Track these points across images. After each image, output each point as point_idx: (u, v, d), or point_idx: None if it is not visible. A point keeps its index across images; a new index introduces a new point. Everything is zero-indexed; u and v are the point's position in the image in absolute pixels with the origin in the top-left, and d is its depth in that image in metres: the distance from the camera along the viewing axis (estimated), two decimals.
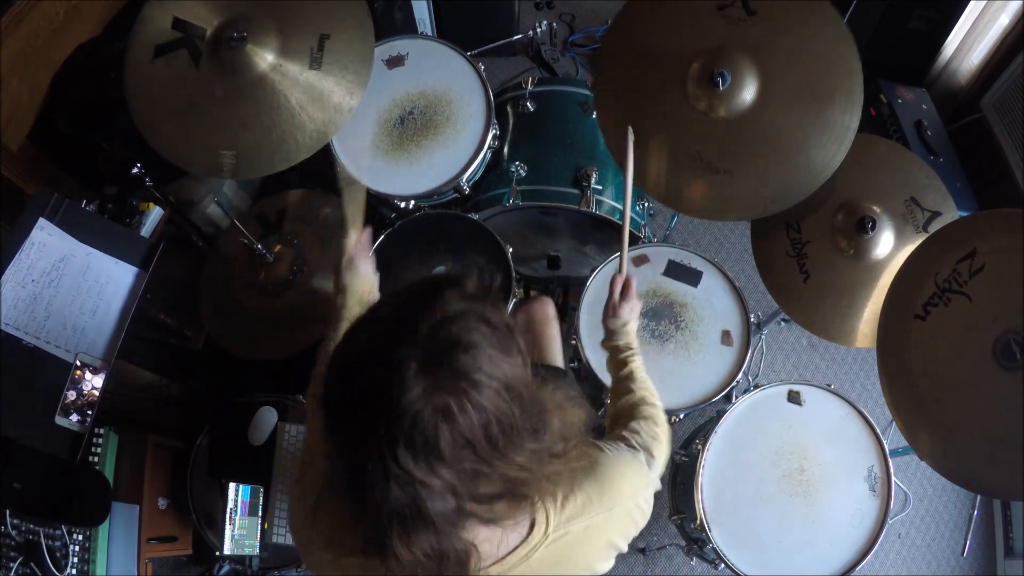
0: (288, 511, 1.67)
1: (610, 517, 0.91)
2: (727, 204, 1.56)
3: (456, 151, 1.93)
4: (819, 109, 1.50)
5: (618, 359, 1.26)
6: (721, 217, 1.63)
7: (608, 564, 0.95)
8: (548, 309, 1.67)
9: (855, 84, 1.48)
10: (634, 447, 1.05)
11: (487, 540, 0.81)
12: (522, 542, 0.84)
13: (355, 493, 0.72)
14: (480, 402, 0.68)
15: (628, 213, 1.36)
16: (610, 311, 1.28)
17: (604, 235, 2.13)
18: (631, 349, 1.26)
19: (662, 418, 1.16)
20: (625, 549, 0.96)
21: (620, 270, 1.34)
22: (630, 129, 1.38)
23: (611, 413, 1.21)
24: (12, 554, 1.40)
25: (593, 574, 0.93)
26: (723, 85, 1.49)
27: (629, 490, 0.95)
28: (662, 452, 1.10)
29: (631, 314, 1.28)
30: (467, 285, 0.77)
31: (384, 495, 0.69)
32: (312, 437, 1.11)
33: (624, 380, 1.22)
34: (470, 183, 1.97)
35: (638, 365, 1.25)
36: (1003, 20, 2.34)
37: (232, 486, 1.71)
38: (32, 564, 1.42)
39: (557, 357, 1.60)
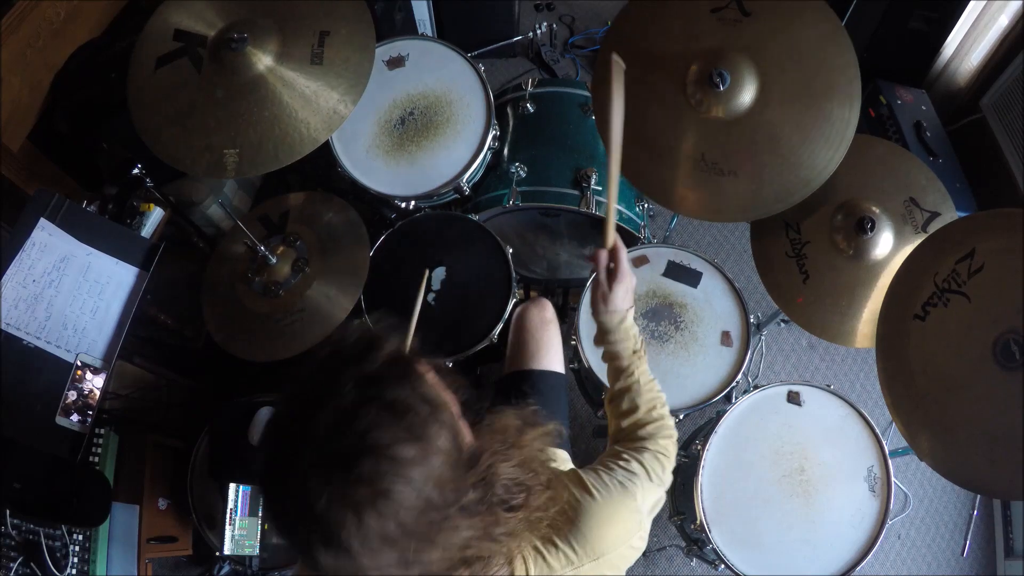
0: None
1: (599, 564, 0.87)
2: (734, 205, 1.55)
3: (456, 152, 1.93)
4: (819, 104, 1.50)
5: (618, 367, 1.12)
6: (729, 218, 1.62)
7: None
8: (545, 312, 1.63)
9: (852, 77, 1.49)
10: (632, 474, 0.97)
11: None
12: None
13: None
14: (389, 505, 0.66)
15: (617, 157, 1.09)
16: (600, 299, 1.10)
17: None
18: (635, 355, 1.11)
19: (669, 428, 1.08)
20: None
21: (604, 241, 1.10)
22: (616, 57, 1.11)
23: (613, 431, 1.12)
24: (12, 554, 1.40)
25: None
26: (723, 86, 1.50)
27: (617, 538, 0.90)
28: (668, 467, 1.04)
29: (626, 298, 1.10)
30: (367, 361, 0.72)
31: None
32: None
33: (626, 391, 1.10)
34: (470, 184, 1.97)
35: (643, 371, 1.11)
36: (1003, 21, 2.34)
37: (232, 486, 1.71)
38: (32, 564, 1.42)
39: (555, 361, 1.57)
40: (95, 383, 1.49)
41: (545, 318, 1.60)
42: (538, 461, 0.83)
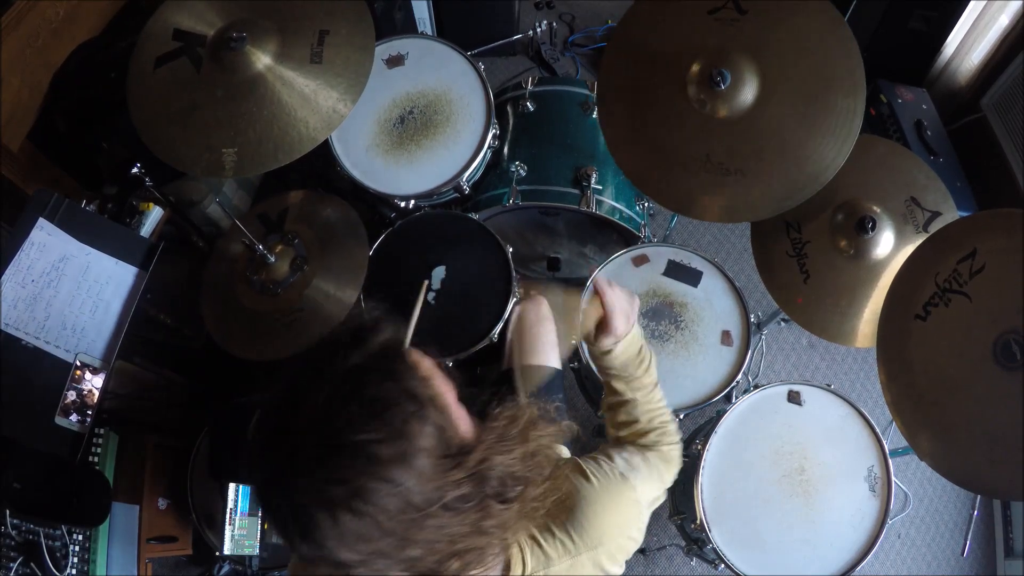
0: None
1: (597, 554, 0.86)
2: (742, 204, 1.54)
3: (456, 151, 1.93)
4: (823, 96, 1.49)
5: (615, 387, 1.09)
6: (738, 219, 1.61)
7: None
8: (542, 309, 1.64)
9: (855, 66, 1.47)
10: (632, 467, 0.96)
11: None
12: None
13: None
14: (365, 505, 0.64)
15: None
16: (602, 332, 1.04)
17: (604, 236, 2.13)
18: (635, 379, 1.07)
19: (671, 435, 1.06)
20: (620, 573, 0.91)
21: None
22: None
23: (611, 439, 1.10)
24: (12, 554, 1.39)
25: None
26: (723, 85, 1.49)
27: (616, 526, 0.89)
28: (672, 469, 1.03)
29: (629, 322, 1.05)
30: (355, 353, 0.70)
31: None
32: None
33: (622, 405, 1.08)
34: (470, 183, 1.97)
35: (643, 384, 1.08)
36: (1003, 20, 2.34)
37: (232, 486, 1.71)
38: (32, 564, 1.42)
39: (552, 358, 1.57)
40: (94, 383, 1.49)
41: (541, 315, 1.61)
42: (543, 455, 0.81)
